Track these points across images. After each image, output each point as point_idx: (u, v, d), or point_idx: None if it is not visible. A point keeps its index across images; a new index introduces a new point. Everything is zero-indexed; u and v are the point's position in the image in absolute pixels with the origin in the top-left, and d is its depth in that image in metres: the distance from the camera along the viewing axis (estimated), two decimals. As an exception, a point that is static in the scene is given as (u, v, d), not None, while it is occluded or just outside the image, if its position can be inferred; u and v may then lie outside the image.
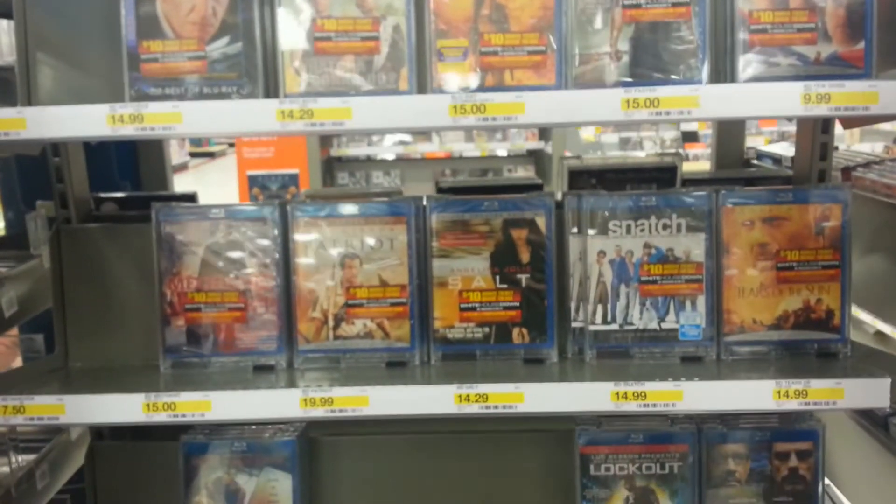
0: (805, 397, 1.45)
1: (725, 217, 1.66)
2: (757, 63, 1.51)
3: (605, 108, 1.36)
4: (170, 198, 2.04)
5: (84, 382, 1.67)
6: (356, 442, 1.89)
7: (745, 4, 1.50)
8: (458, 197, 1.74)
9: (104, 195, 2.07)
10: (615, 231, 1.69)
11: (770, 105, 1.36)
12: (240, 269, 1.73)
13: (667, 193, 1.69)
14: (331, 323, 1.73)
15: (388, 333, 1.72)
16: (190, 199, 2.04)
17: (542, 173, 7.18)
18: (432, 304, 1.71)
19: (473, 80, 1.52)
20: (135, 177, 2.67)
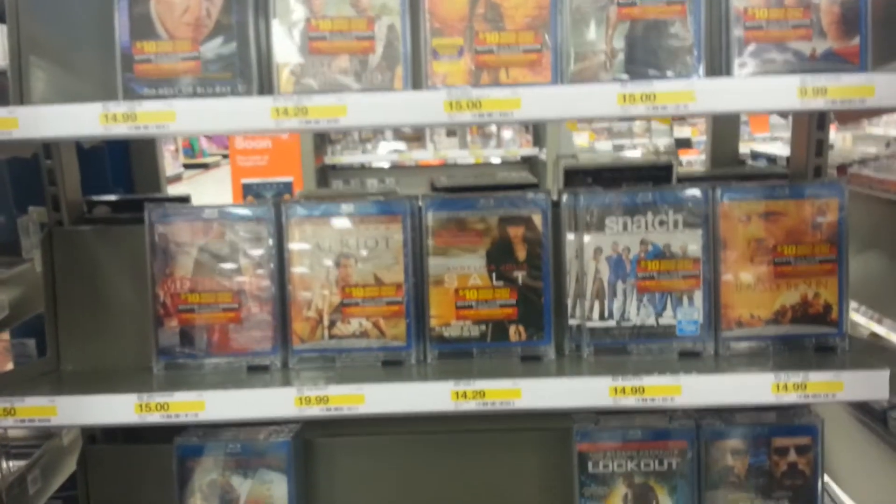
0: (804, 390, 1.44)
1: (722, 212, 1.66)
2: (752, 60, 1.51)
3: (601, 103, 1.35)
4: (163, 200, 2.02)
5: (76, 384, 1.65)
6: (352, 443, 1.87)
7: (740, 1, 1.51)
8: (453, 195, 1.74)
9: (96, 198, 2.05)
10: (611, 228, 1.69)
11: (767, 99, 1.36)
12: (234, 270, 1.72)
13: (663, 189, 1.68)
14: (326, 322, 1.71)
15: (384, 332, 1.71)
16: (184, 202, 2.03)
17: (537, 179, 7.17)
18: (428, 302, 1.70)
19: (469, 79, 1.52)
20: (128, 183, 2.65)
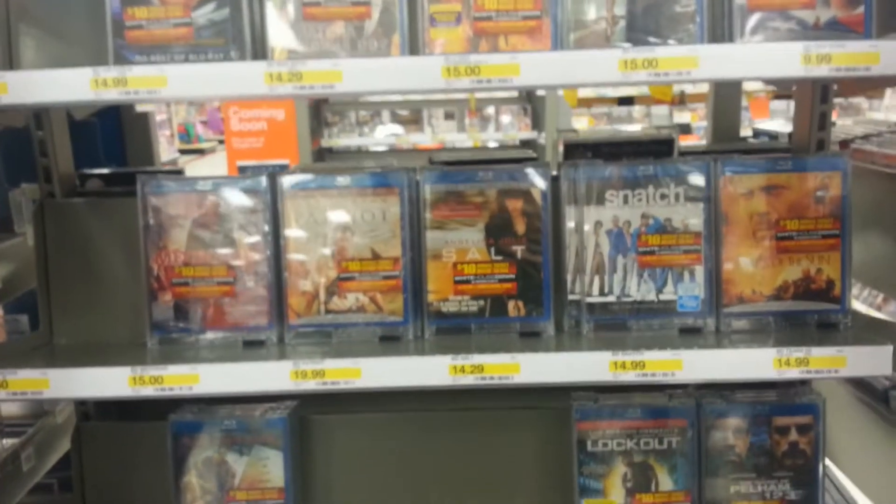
0: (806, 366, 1.42)
1: (724, 186, 1.63)
2: (755, 28, 1.48)
3: (602, 69, 1.32)
4: (156, 173, 1.99)
5: (69, 358, 1.63)
6: (349, 420, 1.86)
7: (743, -31, 1.47)
8: (451, 167, 1.71)
9: (89, 171, 2.02)
10: (612, 201, 1.66)
11: (770, 65, 1.33)
12: (228, 243, 1.69)
13: (664, 162, 1.66)
14: (322, 297, 1.69)
15: (381, 307, 1.68)
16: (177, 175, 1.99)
17: (536, 162, 7.13)
18: (426, 277, 1.68)
19: (467, 47, 1.48)
20: (121, 158, 2.62)
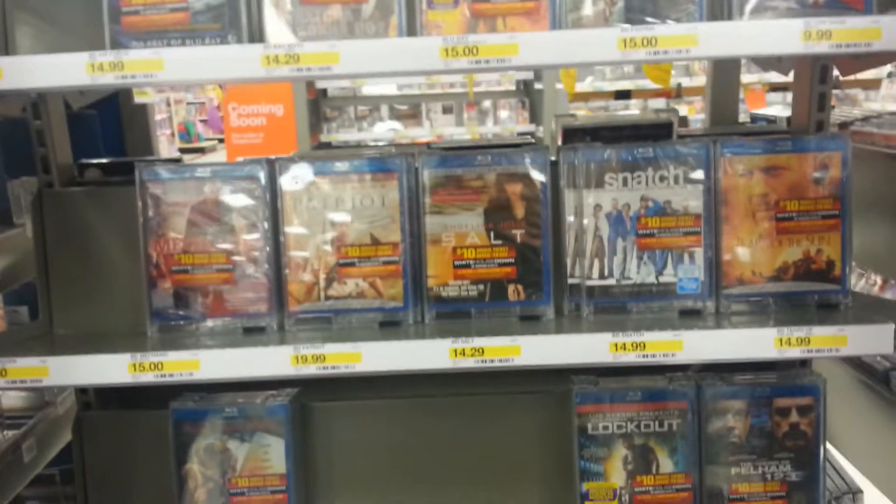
0: (807, 345, 1.42)
1: (723, 167, 1.63)
2: (755, 8, 1.47)
3: (601, 48, 1.32)
4: (155, 161, 1.99)
5: (68, 346, 1.62)
6: (350, 407, 1.85)
7: (742, -53, 1.47)
8: (450, 152, 1.70)
9: (87, 161, 2.01)
10: (611, 184, 1.66)
11: (770, 42, 1.32)
12: (227, 230, 1.69)
13: (664, 145, 1.65)
14: (322, 283, 1.69)
15: (381, 293, 1.68)
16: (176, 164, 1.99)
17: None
18: (426, 261, 1.68)
19: (465, 30, 1.48)
20: (120, 150, 2.61)
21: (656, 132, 1.91)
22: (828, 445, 1.94)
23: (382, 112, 7.81)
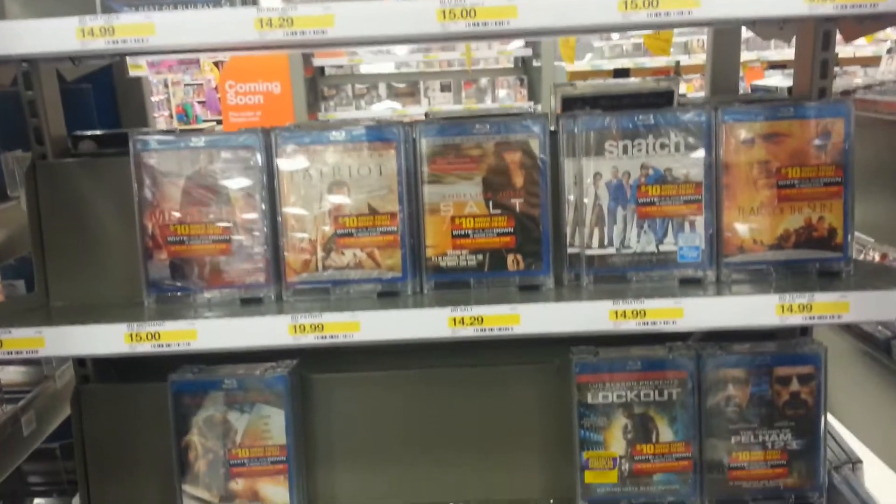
0: (809, 311, 1.41)
1: (724, 134, 1.61)
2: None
3: (601, 10, 1.29)
4: (149, 132, 1.96)
5: (65, 317, 1.61)
6: (349, 378, 1.85)
7: None
8: (448, 121, 1.68)
9: (81, 133, 1.99)
10: (611, 152, 1.64)
11: (773, 4, 1.30)
12: (223, 200, 1.67)
13: (664, 111, 1.63)
14: (320, 254, 1.67)
15: (380, 263, 1.67)
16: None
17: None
18: (424, 231, 1.66)
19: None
20: (115, 123, 2.59)
21: (657, 101, 1.88)
22: (828, 415, 1.94)
23: (380, 90, 7.76)
